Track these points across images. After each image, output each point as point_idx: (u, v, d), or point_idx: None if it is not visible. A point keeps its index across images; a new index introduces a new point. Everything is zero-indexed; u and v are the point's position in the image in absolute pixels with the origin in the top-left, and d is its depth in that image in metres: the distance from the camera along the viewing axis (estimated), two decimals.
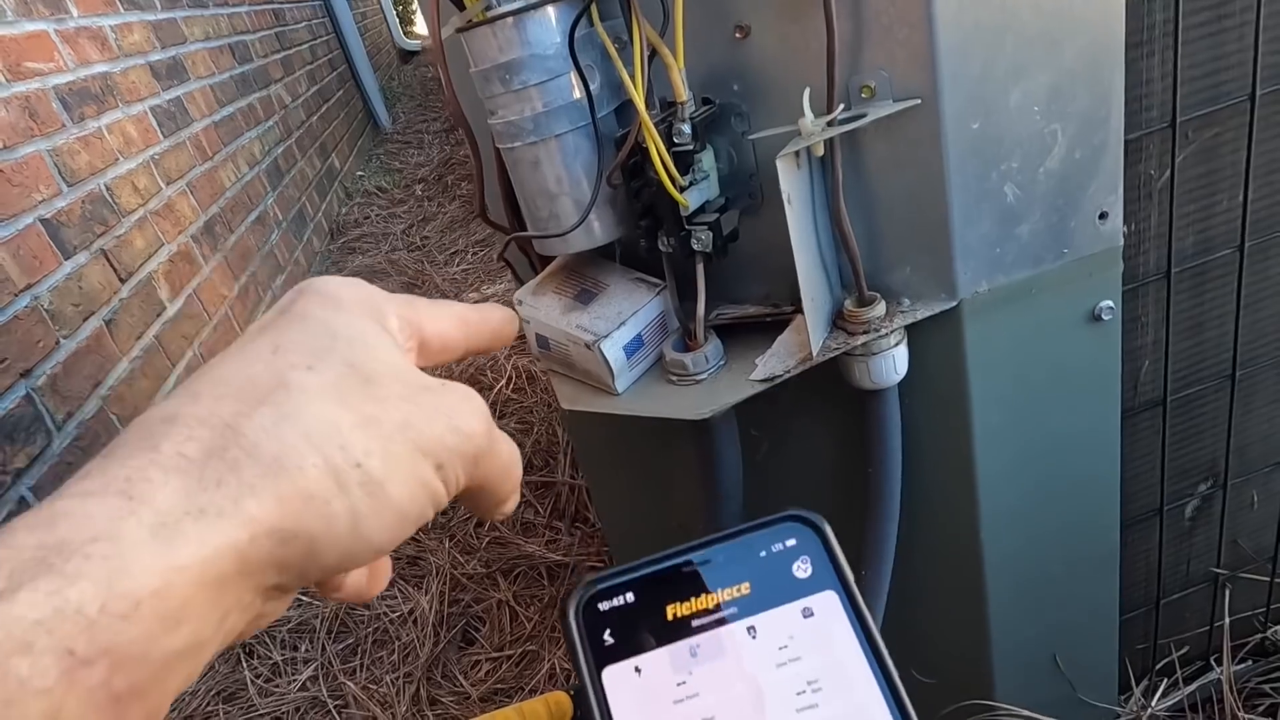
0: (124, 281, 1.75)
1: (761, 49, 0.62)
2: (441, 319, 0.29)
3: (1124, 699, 0.97)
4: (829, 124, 0.58)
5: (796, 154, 0.58)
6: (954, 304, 0.64)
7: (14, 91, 1.56)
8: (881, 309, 0.64)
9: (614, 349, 0.69)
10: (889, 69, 0.58)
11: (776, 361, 0.66)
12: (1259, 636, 1.00)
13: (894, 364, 0.65)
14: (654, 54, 0.60)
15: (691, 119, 0.62)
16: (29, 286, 1.40)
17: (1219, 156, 0.72)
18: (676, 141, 0.62)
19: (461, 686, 1.41)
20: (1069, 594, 0.83)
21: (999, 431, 0.71)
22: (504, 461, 0.27)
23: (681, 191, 0.62)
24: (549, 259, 0.77)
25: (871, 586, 0.72)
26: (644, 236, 0.67)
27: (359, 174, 4.39)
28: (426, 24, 0.66)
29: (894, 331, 0.64)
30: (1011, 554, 0.77)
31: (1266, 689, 0.98)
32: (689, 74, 0.62)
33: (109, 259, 1.72)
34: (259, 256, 2.66)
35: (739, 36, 0.62)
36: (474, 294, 2.76)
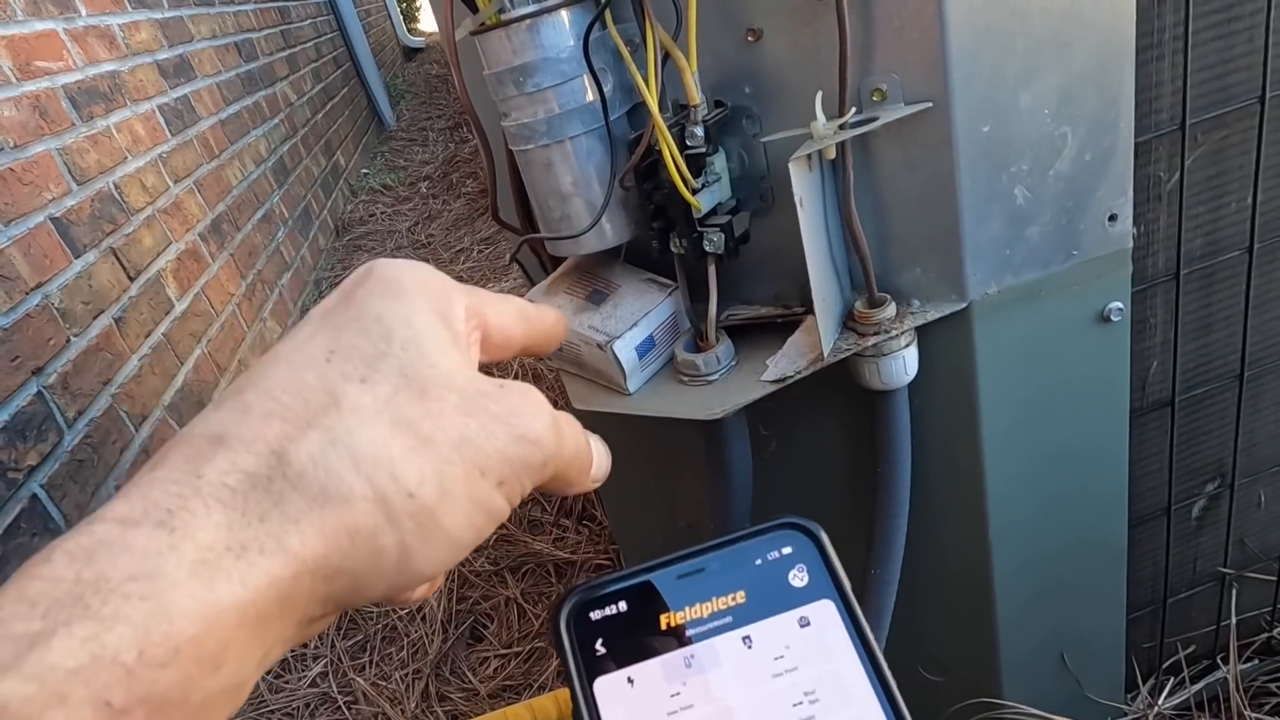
0: (133, 280, 1.76)
1: (773, 52, 0.62)
2: (505, 312, 0.28)
3: (1131, 697, 0.97)
4: (841, 127, 0.58)
5: (808, 157, 0.59)
6: (964, 305, 0.64)
7: (24, 90, 1.57)
8: (892, 310, 0.65)
9: (626, 350, 0.69)
10: (900, 72, 0.58)
11: (788, 362, 0.66)
12: (1265, 636, 1.00)
13: (904, 365, 0.65)
14: (667, 57, 0.60)
15: (704, 122, 0.62)
16: (39, 285, 1.41)
17: (1228, 159, 0.72)
18: (689, 144, 0.62)
19: (470, 683, 1.41)
20: (1076, 593, 0.84)
21: (1008, 432, 0.71)
22: (572, 451, 0.26)
23: (694, 194, 0.62)
24: (560, 259, 0.78)
25: (881, 585, 0.72)
26: (656, 238, 0.67)
27: (364, 171, 4.40)
28: (439, 26, 0.66)
29: (904, 333, 0.64)
30: (1019, 553, 0.78)
31: (1273, 688, 0.99)
32: (701, 77, 0.62)
33: (118, 257, 1.72)
34: (265, 254, 2.66)
35: (751, 39, 0.62)
36: None
